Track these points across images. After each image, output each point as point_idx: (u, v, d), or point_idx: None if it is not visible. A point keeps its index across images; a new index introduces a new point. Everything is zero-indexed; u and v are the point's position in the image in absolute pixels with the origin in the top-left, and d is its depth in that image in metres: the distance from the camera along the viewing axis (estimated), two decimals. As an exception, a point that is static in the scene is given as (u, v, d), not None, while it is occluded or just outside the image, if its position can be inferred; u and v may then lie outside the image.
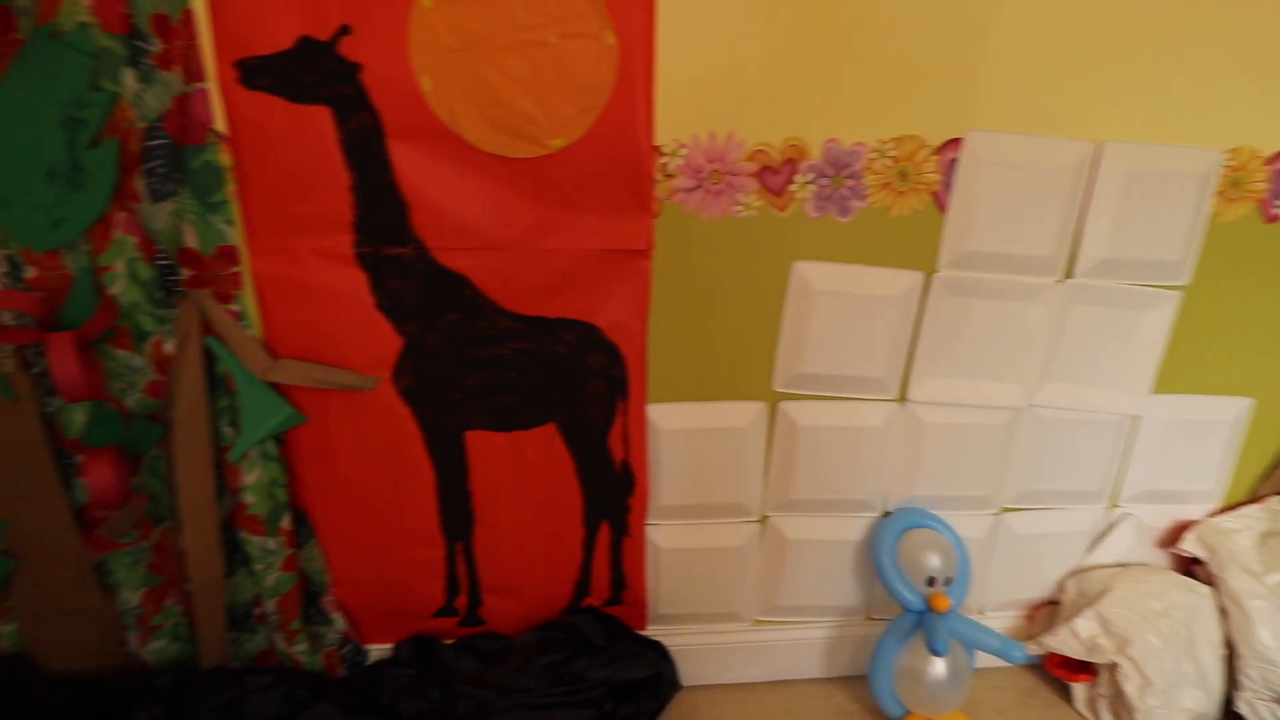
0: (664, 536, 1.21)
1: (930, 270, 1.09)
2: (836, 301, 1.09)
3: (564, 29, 0.94)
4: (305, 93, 0.94)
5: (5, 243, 0.96)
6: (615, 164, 1.00)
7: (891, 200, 1.06)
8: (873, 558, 1.19)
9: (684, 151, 1.02)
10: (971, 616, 1.22)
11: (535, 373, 1.09)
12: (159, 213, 0.94)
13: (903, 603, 1.15)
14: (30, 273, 0.97)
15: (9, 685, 1.12)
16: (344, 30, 0.92)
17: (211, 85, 0.93)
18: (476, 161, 0.98)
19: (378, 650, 1.22)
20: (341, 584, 1.17)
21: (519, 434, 1.12)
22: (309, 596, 1.16)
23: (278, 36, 0.92)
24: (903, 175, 1.05)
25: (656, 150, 1.01)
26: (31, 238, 0.95)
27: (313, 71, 0.93)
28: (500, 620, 1.23)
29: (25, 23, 0.88)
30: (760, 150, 1.02)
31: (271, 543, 1.08)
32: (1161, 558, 1.32)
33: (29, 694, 1.12)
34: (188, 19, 0.90)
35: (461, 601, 1.21)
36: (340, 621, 1.18)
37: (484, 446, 1.12)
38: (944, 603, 1.11)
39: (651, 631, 1.25)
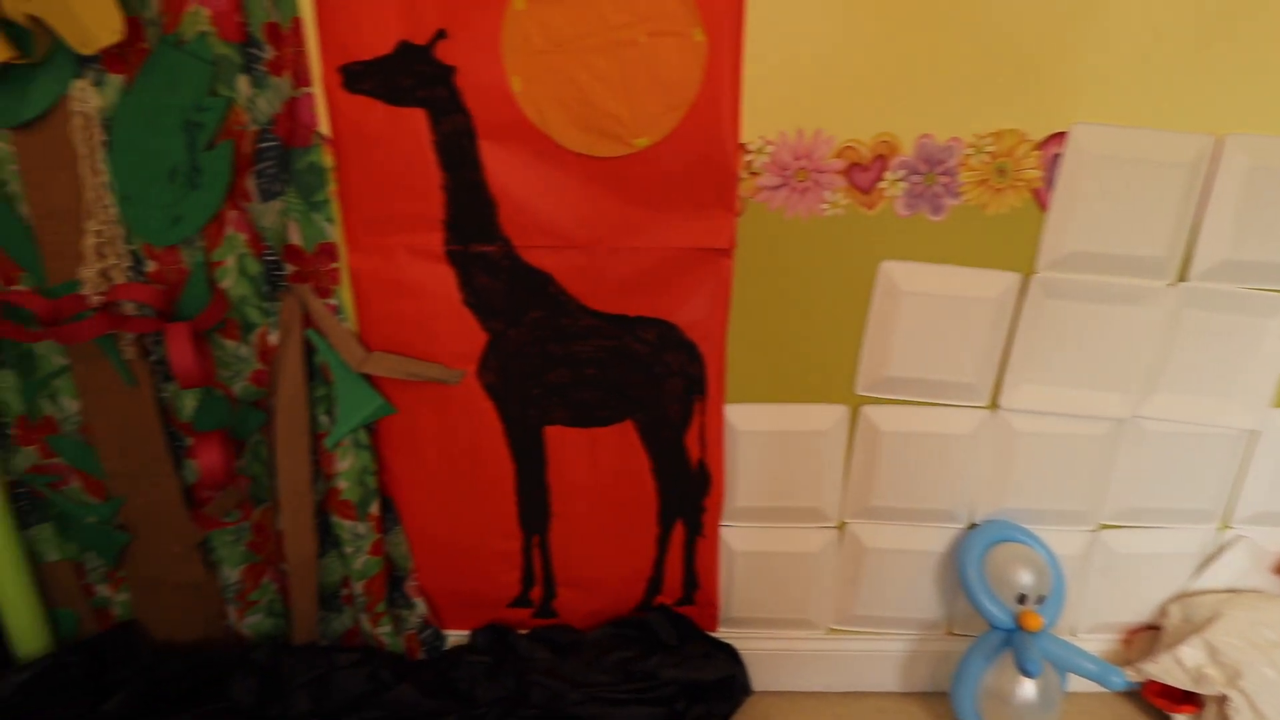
0: (738, 538, 1.20)
1: (1028, 271, 1.04)
2: (925, 303, 1.05)
3: (653, 27, 0.94)
4: (403, 95, 0.97)
5: (129, 238, 1.03)
6: (699, 162, 1.00)
7: (988, 198, 1.01)
8: (958, 571, 1.15)
9: (770, 149, 1.00)
10: (1063, 638, 1.16)
11: (614, 370, 1.10)
12: (268, 211, 0.99)
13: (990, 620, 1.10)
14: (150, 267, 1.04)
15: (122, 651, 1.21)
16: (440, 34, 0.95)
17: (317, 90, 0.97)
18: (563, 161, 1.00)
19: (455, 636, 1.26)
20: (423, 570, 1.22)
21: (597, 430, 1.13)
22: (393, 581, 1.21)
23: (378, 42, 0.95)
24: (1001, 172, 1.00)
25: (741, 148, 1.00)
26: (153, 234, 1.02)
27: (410, 75, 0.96)
28: (573, 613, 1.24)
29: (152, 33, 0.95)
30: (849, 147, 0.99)
31: (361, 527, 1.12)
32: (1277, 585, 1.22)
33: (140, 660, 1.21)
34: (297, 27, 0.94)
35: (536, 593, 1.23)
36: (421, 606, 1.22)
37: (562, 442, 1.13)
38: (1036, 622, 1.06)
39: (722, 634, 1.24)
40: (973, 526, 1.18)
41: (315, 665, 1.11)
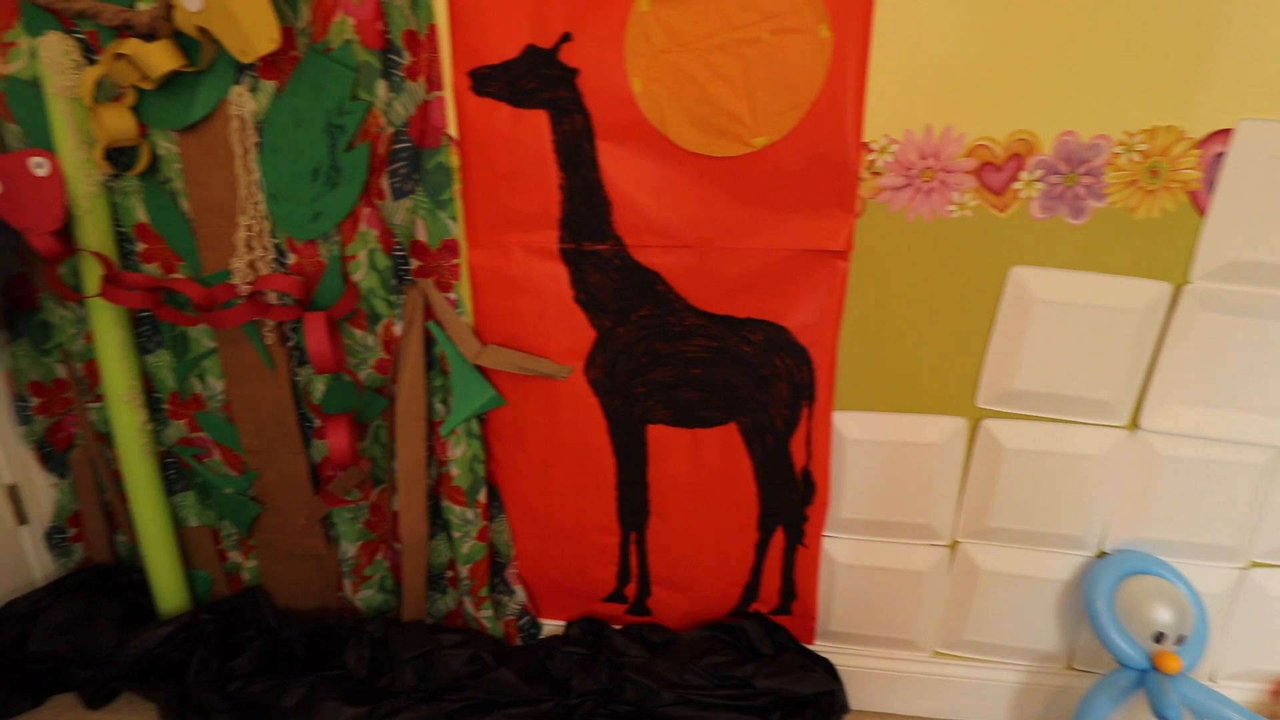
0: (841, 550, 1.16)
1: (1181, 281, 0.95)
2: (1060, 312, 0.98)
3: (777, 25, 0.93)
4: (527, 97, 1.00)
5: (274, 232, 1.11)
6: (818, 161, 0.97)
7: (1137, 200, 0.93)
8: (1084, 602, 1.06)
9: (894, 148, 0.96)
10: (1203, 683, 1.05)
11: (719, 371, 1.09)
12: (398, 209, 1.04)
13: (1120, 657, 1.02)
14: (291, 259, 1.12)
15: (251, 611, 1.31)
16: (565, 38, 0.97)
17: (447, 93, 1.02)
18: (679, 161, 1.00)
19: (550, 625, 1.29)
20: (523, 558, 1.25)
21: (700, 431, 1.12)
22: (495, 567, 1.25)
23: (506, 46, 0.99)
24: (1153, 172, 0.92)
25: (864, 147, 0.97)
26: (295, 229, 1.10)
27: (535, 77, 0.99)
28: (666, 613, 1.24)
29: (302, 41, 1.02)
30: (981, 145, 0.94)
31: (470, 513, 1.17)
32: None
33: (264, 622, 1.30)
34: (432, 33, 0.99)
35: (631, 590, 1.24)
36: (521, 594, 1.25)
37: (665, 441, 1.13)
38: (1175, 664, 0.97)
39: (819, 647, 1.21)
40: (1102, 555, 1.09)
41: (422, 642, 1.17)
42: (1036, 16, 0.89)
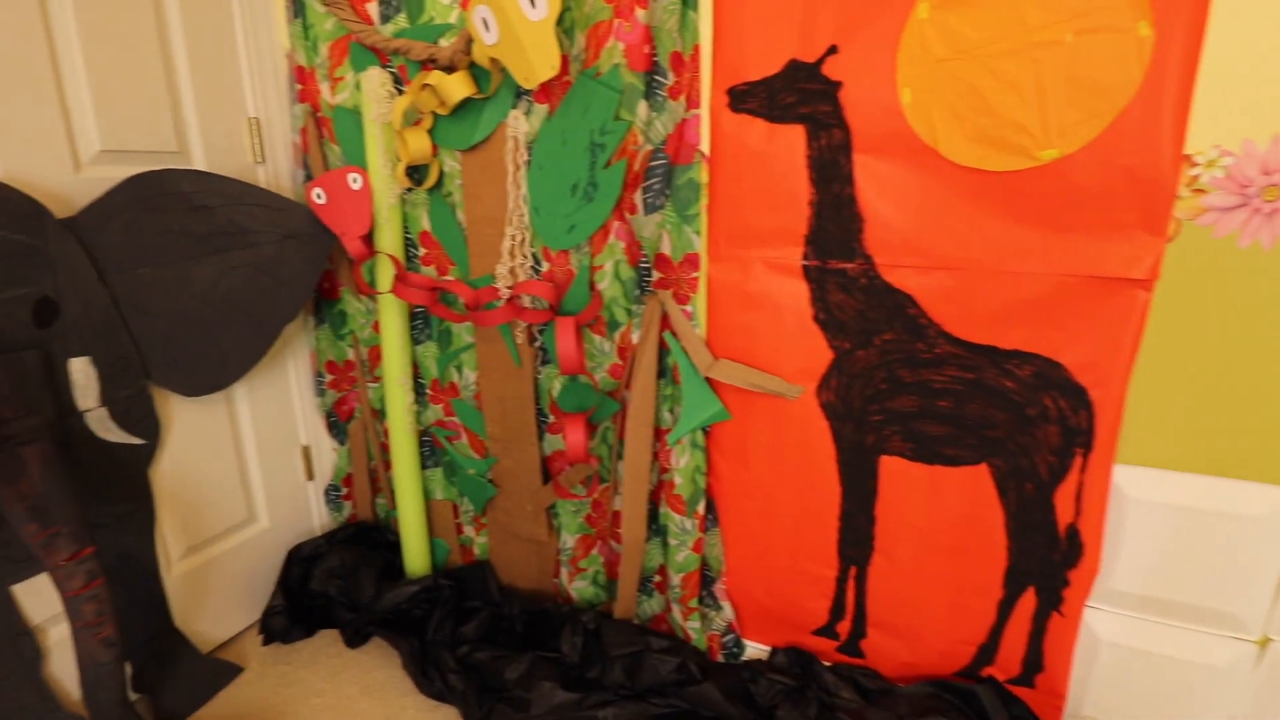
0: (1108, 625, 1.00)
1: None
2: None
3: (1082, 25, 0.82)
4: (785, 113, 0.99)
5: (533, 242, 1.21)
6: (1123, 177, 0.85)
7: None
8: None
9: (1226, 161, 0.81)
10: None
11: (972, 406, 0.99)
12: (649, 223, 1.09)
13: None
14: (545, 267, 1.21)
15: (479, 583, 1.44)
16: (831, 50, 0.94)
17: (704, 111, 1.04)
18: (947, 176, 0.93)
19: (752, 648, 1.26)
20: (733, 576, 1.24)
21: (942, 469, 1.03)
22: (704, 580, 1.25)
23: (768, 62, 0.98)
24: None
25: (1184, 160, 0.83)
26: (551, 239, 1.19)
27: (795, 92, 0.98)
28: (882, 659, 1.16)
29: (575, 67, 1.10)
30: (1360, 158, 0.76)
31: (688, 523, 1.18)
32: None
33: (490, 595, 1.42)
34: (696, 53, 1.02)
35: (844, 627, 1.17)
36: (728, 611, 1.24)
37: (899, 474, 1.06)
38: None
39: (1067, 731, 1.05)
40: None
41: (633, 641, 1.20)
42: None
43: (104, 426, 1.10)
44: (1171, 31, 0.80)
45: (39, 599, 1.07)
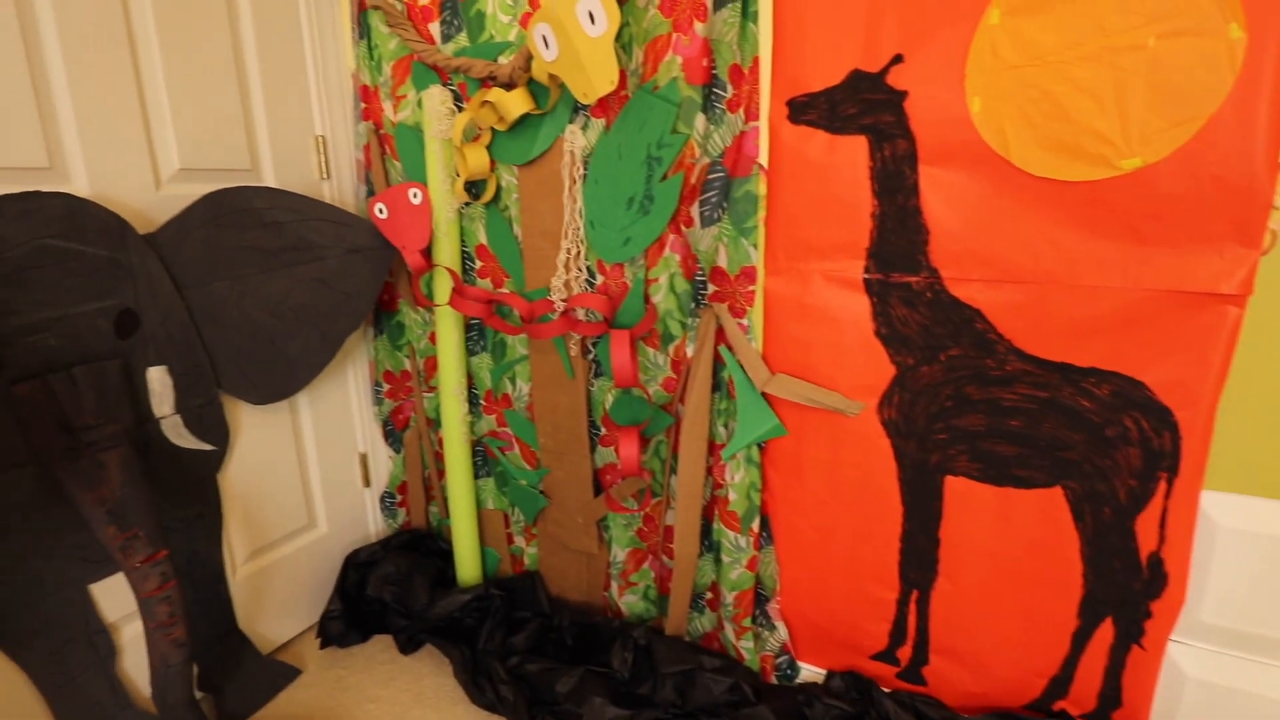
0: (1195, 662, 0.94)
1: None
2: None
3: (1168, 27, 0.79)
4: (846, 124, 0.97)
5: (587, 255, 1.22)
6: (1211, 186, 0.80)
7: None
8: None
9: (1330, 169, 0.76)
10: None
11: (1045, 425, 0.95)
12: (705, 236, 1.08)
13: None
14: (599, 280, 1.22)
15: (529, 594, 1.44)
16: (897, 59, 0.92)
17: (762, 123, 1.03)
18: (1020, 186, 0.89)
19: (807, 670, 1.23)
20: (788, 596, 1.21)
21: (1012, 491, 0.99)
22: (757, 598, 1.23)
23: (830, 73, 0.97)
24: None
25: (1282, 168, 0.78)
26: (606, 252, 1.19)
27: (858, 103, 0.96)
28: (945, 688, 1.11)
29: (632, 82, 1.10)
30: None
31: (743, 540, 1.16)
32: None
33: (539, 606, 1.42)
34: (755, 65, 1.01)
35: (905, 653, 1.13)
36: (782, 631, 1.21)
37: (965, 495, 1.02)
38: None
39: (1147, 772, 0.99)
40: None
41: (685, 659, 1.18)
42: None
43: (178, 433, 1.14)
44: (1266, 33, 0.76)
45: (114, 599, 1.11)
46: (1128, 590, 0.94)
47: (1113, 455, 0.91)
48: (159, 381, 1.10)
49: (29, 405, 0.95)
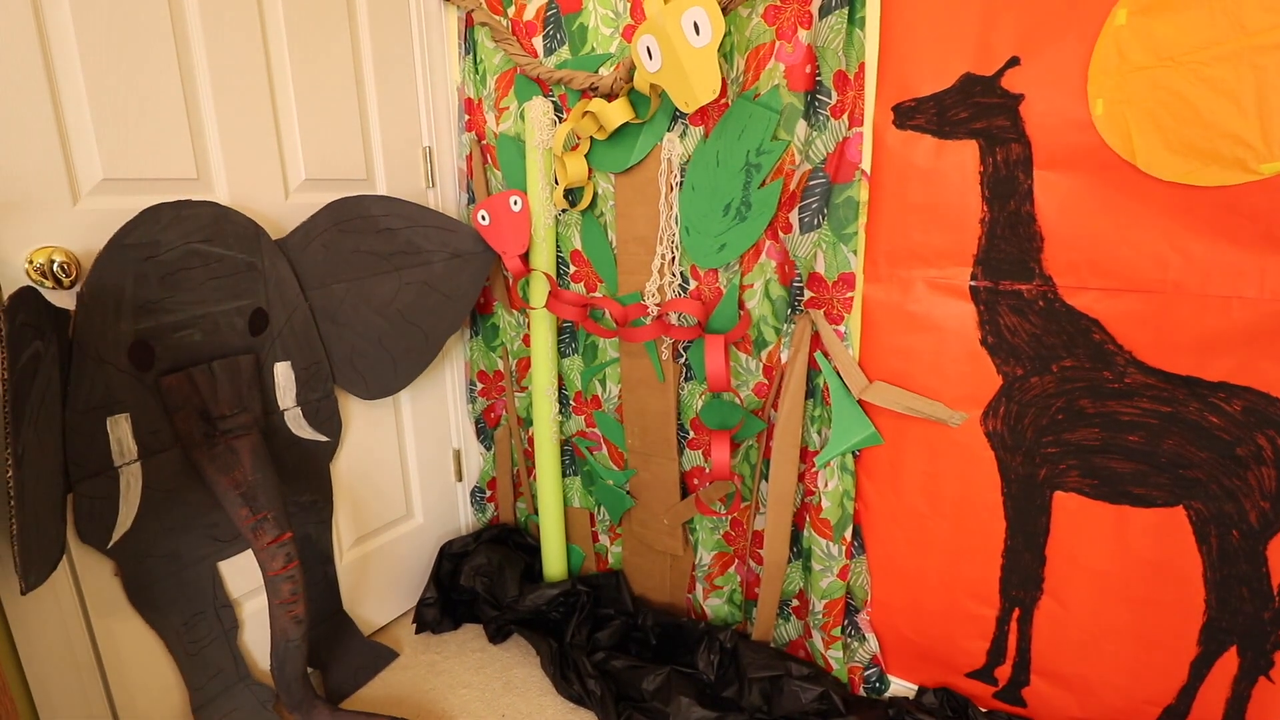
0: (1337, 700, 0.88)
1: None
2: None
3: (1320, 24, 0.74)
4: (955, 129, 0.96)
5: (681, 260, 1.24)
6: (1367, 192, 0.75)
7: None
8: None
9: None
10: None
11: (1168, 441, 0.90)
12: (804, 242, 1.08)
13: None
14: (693, 285, 1.24)
15: (613, 592, 1.47)
16: (1013, 62, 0.90)
17: (866, 128, 1.02)
18: (1146, 192, 0.86)
19: (897, 685, 1.21)
20: (879, 607, 1.19)
21: (1129, 509, 0.95)
22: (847, 609, 1.21)
23: (939, 77, 0.96)
24: None
25: None
26: (701, 258, 1.21)
27: (967, 107, 0.94)
28: (1046, 711, 1.07)
29: (733, 90, 1.12)
30: None
31: (834, 549, 1.15)
32: None
33: (623, 604, 1.45)
34: (860, 71, 1.01)
35: (1003, 672, 1.10)
36: (873, 643, 1.20)
37: (1076, 511, 0.98)
38: None
39: (1277, 816, 0.92)
40: None
41: (772, 666, 1.18)
42: None
43: (298, 424, 1.23)
44: None
45: (238, 577, 1.20)
46: (1256, 619, 0.89)
47: (1243, 475, 0.86)
48: (284, 376, 1.19)
49: (175, 395, 1.04)
